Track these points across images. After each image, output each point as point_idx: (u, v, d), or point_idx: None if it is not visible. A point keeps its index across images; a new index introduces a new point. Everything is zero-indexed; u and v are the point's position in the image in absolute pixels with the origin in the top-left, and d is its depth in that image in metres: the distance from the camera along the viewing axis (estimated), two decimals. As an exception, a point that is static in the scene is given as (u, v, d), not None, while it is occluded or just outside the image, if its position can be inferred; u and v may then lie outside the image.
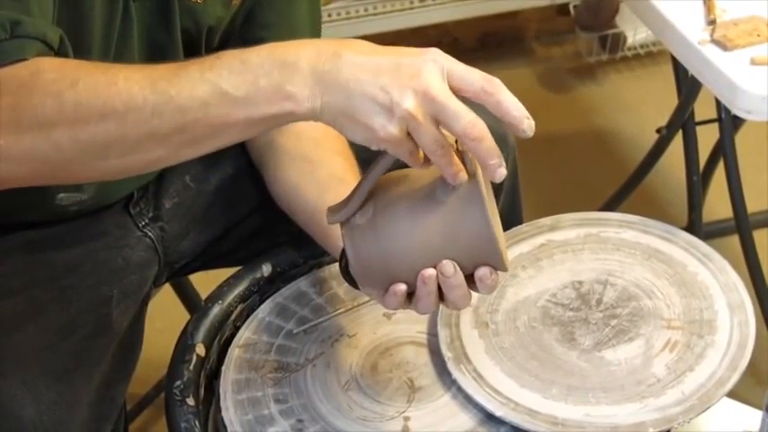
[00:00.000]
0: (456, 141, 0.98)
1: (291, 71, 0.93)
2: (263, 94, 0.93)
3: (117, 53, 1.18)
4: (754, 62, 1.54)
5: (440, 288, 1.04)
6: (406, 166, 0.98)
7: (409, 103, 0.91)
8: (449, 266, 1.02)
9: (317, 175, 1.25)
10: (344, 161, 1.26)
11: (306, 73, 0.93)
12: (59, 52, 1.01)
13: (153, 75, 0.95)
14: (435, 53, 0.94)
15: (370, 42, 0.96)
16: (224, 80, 0.93)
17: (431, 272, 1.02)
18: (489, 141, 0.94)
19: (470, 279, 1.04)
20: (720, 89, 1.56)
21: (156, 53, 1.22)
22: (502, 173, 0.96)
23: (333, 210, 1.04)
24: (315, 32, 1.35)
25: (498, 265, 1.03)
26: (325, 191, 1.21)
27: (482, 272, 1.03)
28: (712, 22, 1.63)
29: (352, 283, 1.09)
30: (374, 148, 0.95)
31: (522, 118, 0.96)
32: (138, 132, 0.95)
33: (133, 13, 1.17)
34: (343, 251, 1.05)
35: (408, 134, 0.93)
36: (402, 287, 1.03)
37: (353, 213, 1.03)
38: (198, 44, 1.26)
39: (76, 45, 1.12)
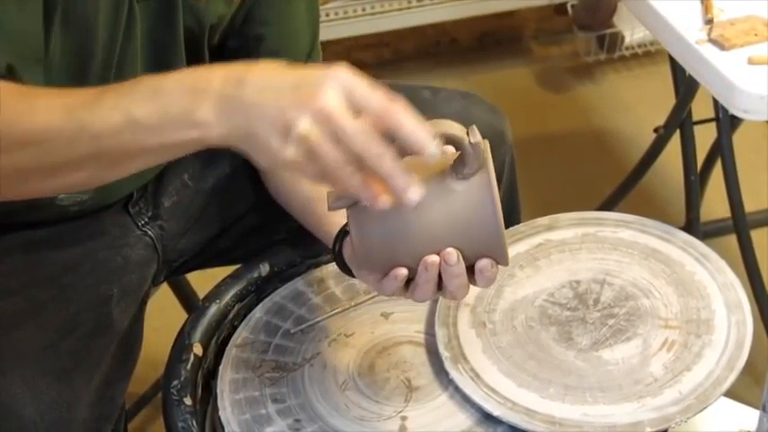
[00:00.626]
0: (467, 133, 0.99)
1: (201, 98, 0.93)
2: (173, 122, 0.94)
3: (121, 54, 1.18)
4: (751, 61, 1.54)
5: (439, 278, 1.04)
6: None
7: (303, 125, 0.90)
8: (452, 254, 1.02)
9: None
10: None
11: (213, 100, 0.93)
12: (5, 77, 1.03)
13: (72, 103, 0.97)
14: (338, 71, 0.92)
15: (279, 65, 0.95)
16: (137, 108, 0.95)
17: (434, 258, 1.02)
18: (389, 161, 0.92)
19: (469, 271, 1.05)
20: (718, 89, 1.56)
21: (159, 53, 1.22)
22: (409, 198, 0.93)
23: (333, 195, 1.03)
24: (313, 30, 1.35)
25: (500, 258, 1.04)
26: None
27: (483, 263, 1.04)
28: (710, 22, 1.63)
29: (345, 268, 1.11)
30: (284, 172, 0.93)
31: (425, 142, 0.93)
32: (55, 160, 0.98)
33: (137, 13, 1.17)
34: (338, 237, 1.07)
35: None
36: (403, 271, 1.04)
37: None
38: (200, 42, 1.26)
39: (81, 48, 1.13)
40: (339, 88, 0.91)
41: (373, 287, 1.08)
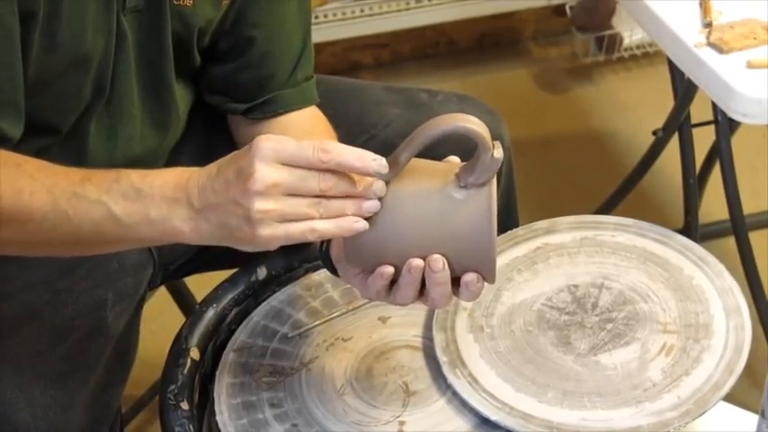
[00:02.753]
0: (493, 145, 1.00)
1: (176, 206, 1.02)
2: (151, 224, 1.03)
3: (114, 68, 1.20)
4: (750, 65, 1.54)
5: (423, 284, 1.04)
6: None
7: (257, 206, 0.98)
8: (438, 261, 1.03)
9: None
10: None
11: (186, 208, 1.02)
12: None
13: (55, 191, 1.03)
14: (260, 146, 0.98)
15: (222, 160, 1.02)
16: (118, 206, 1.03)
17: (419, 262, 1.03)
18: (339, 191, 0.99)
19: (454, 283, 1.05)
20: (717, 92, 1.56)
21: (150, 61, 1.24)
22: (355, 227, 1.00)
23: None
24: (305, 30, 1.35)
25: (488, 274, 1.04)
26: None
27: (470, 277, 1.04)
28: (708, 25, 1.62)
29: (330, 266, 1.13)
30: (271, 249, 1.02)
31: (367, 166, 0.99)
32: (37, 240, 1.06)
33: (125, 26, 1.18)
34: None
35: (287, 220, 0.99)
36: (389, 269, 1.04)
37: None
38: (189, 46, 1.27)
39: (77, 64, 1.16)
40: (267, 159, 0.97)
41: (357, 286, 1.09)
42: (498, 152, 1.01)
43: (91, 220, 1.03)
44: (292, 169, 0.98)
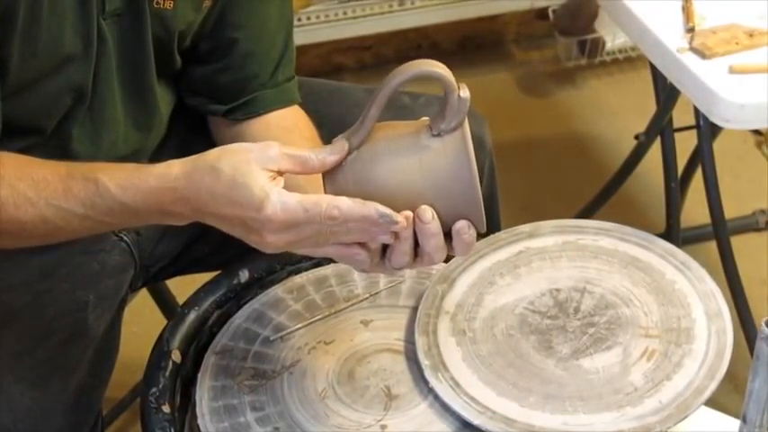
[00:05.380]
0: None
1: (169, 217, 1.07)
2: (146, 223, 1.10)
3: (96, 72, 1.20)
4: (732, 70, 1.54)
5: (416, 246, 1.05)
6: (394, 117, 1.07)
7: (268, 250, 1.04)
8: (427, 211, 1.03)
9: None
10: (315, 146, 1.27)
11: (181, 216, 1.06)
12: None
13: (38, 204, 1.06)
14: (270, 219, 1.01)
15: (218, 185, 1.03)
16: (107, 217, 1.07)
17: (408, 213, 1.03)
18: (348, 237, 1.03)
19: (446, 239, 1.05)
20: (699, 97, 1.56)
21: (131, 65, 1.24)
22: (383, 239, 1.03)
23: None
24: (286, 32, 1.35)
25: (477, 220, 1.04)
26: None
27: (459, 225, 1.04)
28: (691, 30, 1.63)
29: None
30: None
31: (370, 216, 1.01)
32: (32, 243, 1.14)
33: (106, 31, 1.18)
34: None
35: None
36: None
37: (359, 144, 1.04)
38: (169, 48, 1.27)
39: (57, 68, 1.17)
40: (276, 231, 1.01)
41: (347, 259, 1.08)
42: (465, 92, 1.02)
43: (84, 227, 1.08)
44: (301, 229, 1.01)
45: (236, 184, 1.01)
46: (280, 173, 1.02)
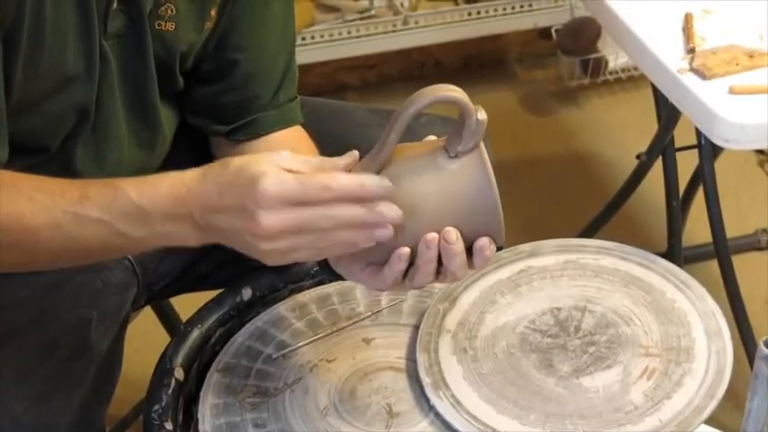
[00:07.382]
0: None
1: (180, 223, 1.04)
2: (157, 238, 1.06)
3: (99, 93, 1.21)
4: (732, 91, 1.55)
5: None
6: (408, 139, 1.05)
7: (263, 246, 1.01)
8: (452, 233, 1.05)
9: None
10: None
11: (190, 224, 1.04)
12: None
13: (55, 211, 1.05)
14: (263, 194, 0.99)
15: (221, 177, 1.03)
16: (121, 224, 1.05)
17: (434, 235, 1.04)
18: (347, 218, 1.01)
19: (466, 253, 1.07)
20: (699, 117, 1.57)
21: (134, 86, 1.25)
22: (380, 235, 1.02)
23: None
24: (288, 52, 1.35)
25: (497, 235, 1.05)
26: None
27: (482, 242, 1.06)
28: (691, 51, 1.64)
29: (328, 270, 1.14)
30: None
31: (369, 192, 1.01)
32: (45, 260, 1.10)
33: (108, 52, 1.19)
34: None
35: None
36: (406, 250, 1.05)
37: (379, 169, 1.04)
38: (171, 69, 1.27)
39: (59, 89, 1.17)
40: (271, 207, 0.99)
41: (366, 281, 1.09)
42: (482, 114, 1.02)
43: (98, 237, 1.06)
44: (297, 210, 1.00)
45: (241, 170, 1.02)
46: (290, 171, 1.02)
